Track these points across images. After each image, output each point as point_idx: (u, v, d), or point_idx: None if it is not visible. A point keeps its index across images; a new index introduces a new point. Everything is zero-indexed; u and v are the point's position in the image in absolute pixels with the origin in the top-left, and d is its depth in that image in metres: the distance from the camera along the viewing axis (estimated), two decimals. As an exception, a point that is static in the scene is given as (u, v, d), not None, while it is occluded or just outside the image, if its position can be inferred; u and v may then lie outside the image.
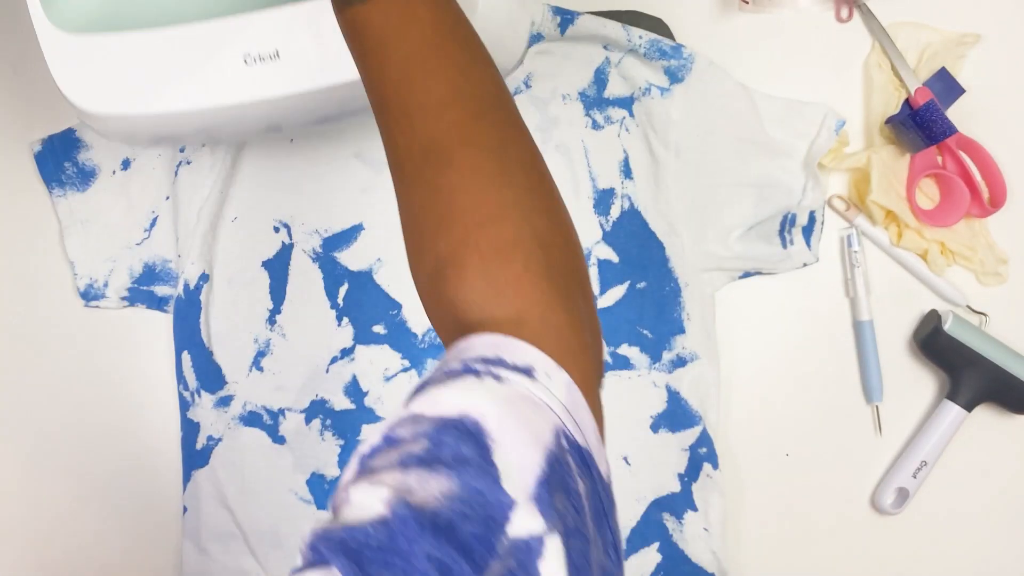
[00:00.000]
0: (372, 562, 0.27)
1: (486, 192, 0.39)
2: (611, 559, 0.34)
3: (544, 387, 0.33)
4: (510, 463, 0.30)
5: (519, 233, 0.38)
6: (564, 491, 0.31)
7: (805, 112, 0.76)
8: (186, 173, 0.74)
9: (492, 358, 0.34)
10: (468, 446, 0.30)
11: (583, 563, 0.31)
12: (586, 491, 0.33)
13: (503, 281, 0.38)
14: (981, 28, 0.78)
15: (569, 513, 0.31)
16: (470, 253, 0.38)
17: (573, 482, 0.32)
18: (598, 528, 0.33)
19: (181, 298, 0.74)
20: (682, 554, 0.73)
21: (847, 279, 0.78)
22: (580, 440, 0.34)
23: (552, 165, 0.75)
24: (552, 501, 0.30)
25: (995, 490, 0.77)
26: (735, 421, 0.76)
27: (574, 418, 0.34)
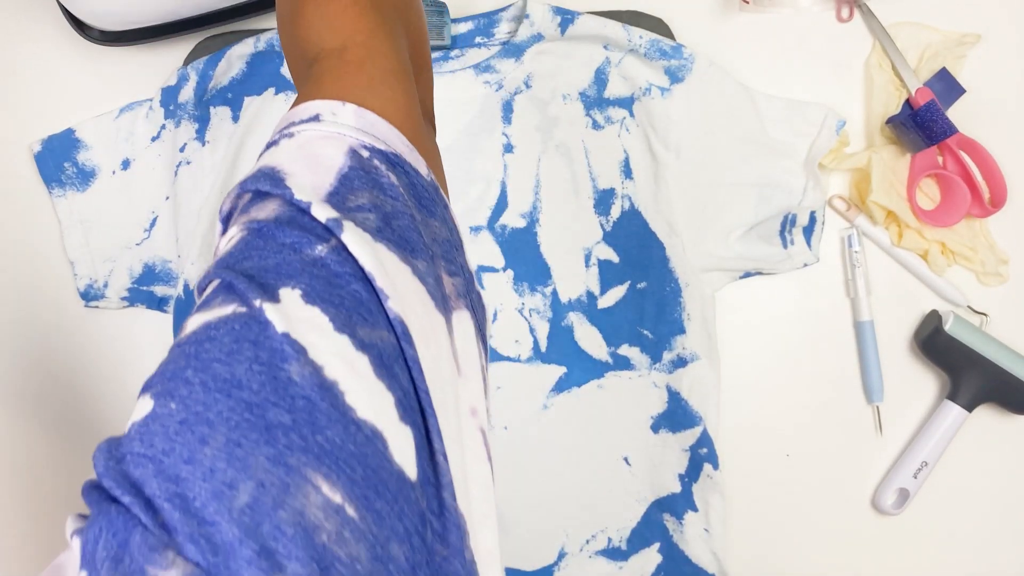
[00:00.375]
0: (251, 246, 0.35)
1: None
2: (451, 237, 0.39)
3: (331, 123, 0.38)
4: (302, 184, 0.36)
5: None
6: (375, 188, 0.36)
7: (806, 112, 0.76)
8: (186, 173, 0.74)
9: (284, 124, 0.39)
10: (266, 183, 0.36)
11: (411, 234, 0.36)
12: (403, 183, 0.37)
13: (332, 14, 0.43)
14: (982, 28, 0.78)
15: (385, 201, 0.36)
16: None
17: (383, 178, 0.37)
18: (427, 212, 0.38)
19: (181, 298, 0.74)
20: (683, 555, 0.73)
21: (848, 279, 0.78)
22: (383, 147, 0.38)
23: (552, 165, 0.75)
24: (345, 201, 0.35)
25: (996, 490, 0.77)
26: (736, 421, 0.76)
27: (372, 133, 0.38)
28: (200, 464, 0.28)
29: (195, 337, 0.32)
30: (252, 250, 0.34)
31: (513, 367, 0.73)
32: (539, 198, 0.74)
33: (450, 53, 0.77)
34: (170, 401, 0.30)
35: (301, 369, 0.31)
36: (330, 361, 0.31)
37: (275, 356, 0.31)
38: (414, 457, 0.32)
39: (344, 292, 0.33)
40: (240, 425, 0.29)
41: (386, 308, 0.33)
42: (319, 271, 0.33)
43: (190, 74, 0.75)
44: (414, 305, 0.34)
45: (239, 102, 0.75)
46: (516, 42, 0.76)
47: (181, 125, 0.75)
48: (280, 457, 0.29)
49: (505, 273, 0.74)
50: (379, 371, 0.32)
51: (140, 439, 0.30)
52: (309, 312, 0.32)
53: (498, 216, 0.74)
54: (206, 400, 0.30)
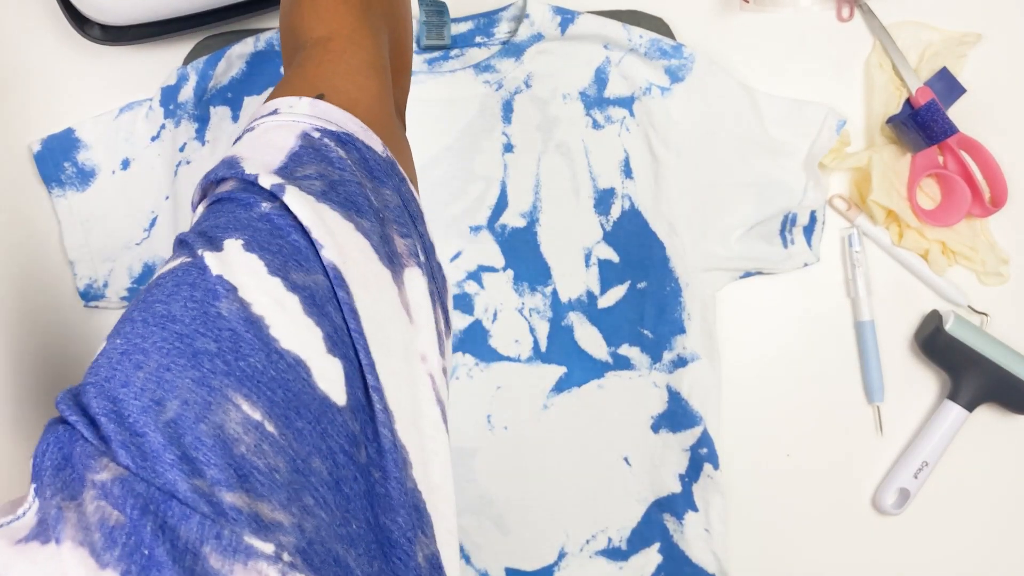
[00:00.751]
0: (210, 211, 0.39)
1: None
2: (407, 207, 0.42)
3: (287, 114, 0.42)
4: (253, 163, 0.39)
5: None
6: (323, 161, 0.40)
7: (806, 112, 0.76)
8: (186, 173, 0.74)
9: (248, 125, 0.43)
10: (224, 169, 0.40)
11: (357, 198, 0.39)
12: (352, 158, 0.41)
13: (323, 7, 0.47)
14: (982, 28, 0.78)
15: (332, 172, 0.40)
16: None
17: (332, 152, 0.40)
18: (379, 182, 0.41)
19: (181, 298, 0.74)
20: (683, 555, 0.73)
21: (848, 279, 0.78)
22: (334, 128, 0.41)
23: (552, 165, 0.75)
24: (292, 173, 0.39)
25: (996, 490, 0.77)
26: (736, 421, 0.76)
27: (324, 119, 0.41)
28: (133, 386, 0.32)
29: (147, 287, 0.36)
30: (210, 215, 0.39)
31: (513, 367, 0.73)
32: (539, 198, 0.74)
33: (450, 53, 0.77)
34: (116, 338, 0.35)
35: (230, 305, 0.34)
36: (259, 299, 0.35)
37: (208, 295, 0.35)
38: (343, 385, 0.35)
39: (283, 242, 0.37)
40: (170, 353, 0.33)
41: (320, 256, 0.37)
42: (262, 224, 0.37)
43: (190, 74, 0.75)
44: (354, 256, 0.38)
45: (239, 102, 0.75)
46: (516, 42, 0.76)
47: (181, 125, 0.75)
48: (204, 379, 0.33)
49: (505, 273, 0.74)
50: (309, 309, 0.35)
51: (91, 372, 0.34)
52: (247, 258, 0.36)
53: (498, 216, 0.74)
54: (144, 333, 0.34)
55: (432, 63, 0.76)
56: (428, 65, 0.76)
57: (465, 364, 0.73)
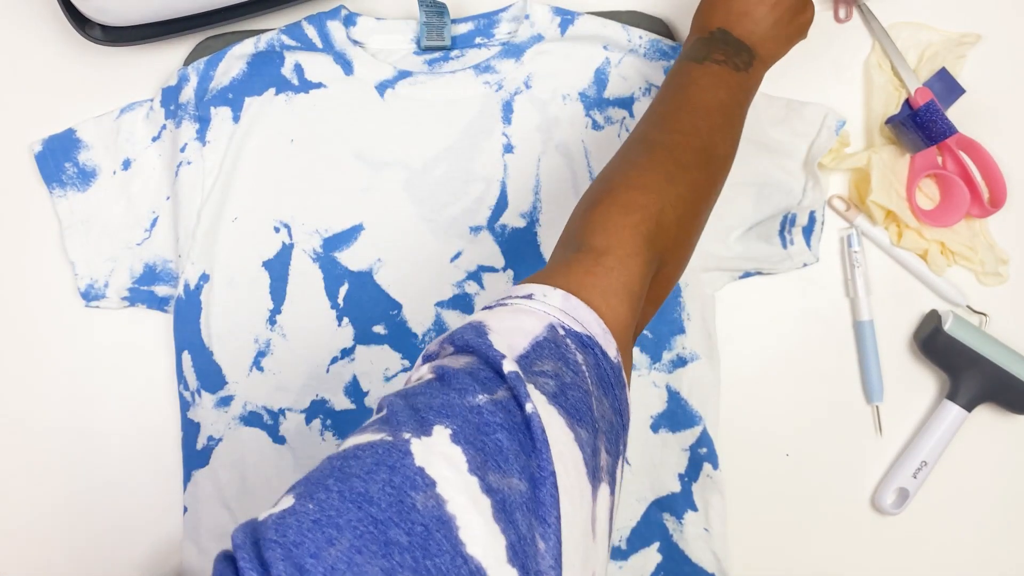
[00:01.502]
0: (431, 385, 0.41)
1: (652, 173, 0.54)
2: (618, 420, 0.44)
3: (540, 302, 0.45)
4: (501, 340, 0.42)
5: (649, 205, 0.52)
6: (559, 360, 0.42)
7: (805, 112, 0.76)
8: (186, 173, 0.74)
9: (503, 296, 0.47)
10: (471, 333, 0.43)
11: (582, 406, 0.41)
12: (587, 362, 0.43)
13: (613, 223, 0.51)
14: (981, 28, 0.78)
15: (566, 373, 0.42)
16: (607, 199, 0.52)
17: (571, 354, 0.43)
18: (603, 391, 0.43)
19: (181, 298, 0.74)
20: (682, 554, 0.73)
21: (847, 279, 0.78)
22: (579, 329, 0.44)
23: (552, 165, 0.75)
24: (531, 365, 0.41)
25: (995, 490, 0.77)
26: (735, 421, 0.76)
27: (572, 316, 0.44)
28: (323, 560, 0.33)
29: (344, 454, 0.37)
30: (430, 389, 0.40)
31: (513, 367, 0.73)
32: (539, 198, 0.75)
33: (450, 54, 0.77)
34: (309, 502, 0.35)
35: (426, 501, 0.35)
36: (455, 497, 0.36)
37: (406, 483, 0.36)
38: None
39: (487, 440, 0.38)
40: (364, 536, 0.34)
41: (542, 460, 0.38)
42: (473, 416, 0.39)
43: (190, 74, 0.75)
44: (568, 467, 0.39)
45: (240, 102, 0.75)
46: (516, 42, 0.76)
47: (182, 125, 0.75)
48: (392, 571, 0.33)
49: (505, 273, 0.74)
50: (498, 515, 0.36)
51: (276, 528, 0.34)
52: (451, 449, 0.37)
53: (498, 216, 0.74)
54: (339, 507, 0.35)
55: (432, 64, 0.77)
56: (428, 66, 0.76)
57: (465, 364, 0.73)
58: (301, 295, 0.74)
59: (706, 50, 0.63)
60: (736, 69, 0.62)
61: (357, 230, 0.74)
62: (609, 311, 0.46)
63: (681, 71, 0.62)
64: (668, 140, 0.57)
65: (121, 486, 0.77)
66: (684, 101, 0.60)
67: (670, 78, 0.63)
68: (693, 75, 0.61)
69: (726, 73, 0.61)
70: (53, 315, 0.77)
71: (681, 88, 0.61)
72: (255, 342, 0.74)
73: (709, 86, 0.60)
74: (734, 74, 0.62)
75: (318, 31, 0.77)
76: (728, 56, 0.62)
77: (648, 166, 0.55)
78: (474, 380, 0.40)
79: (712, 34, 0.64)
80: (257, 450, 0.73)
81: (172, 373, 0.76)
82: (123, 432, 0.77)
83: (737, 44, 0.63)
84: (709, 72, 0.61)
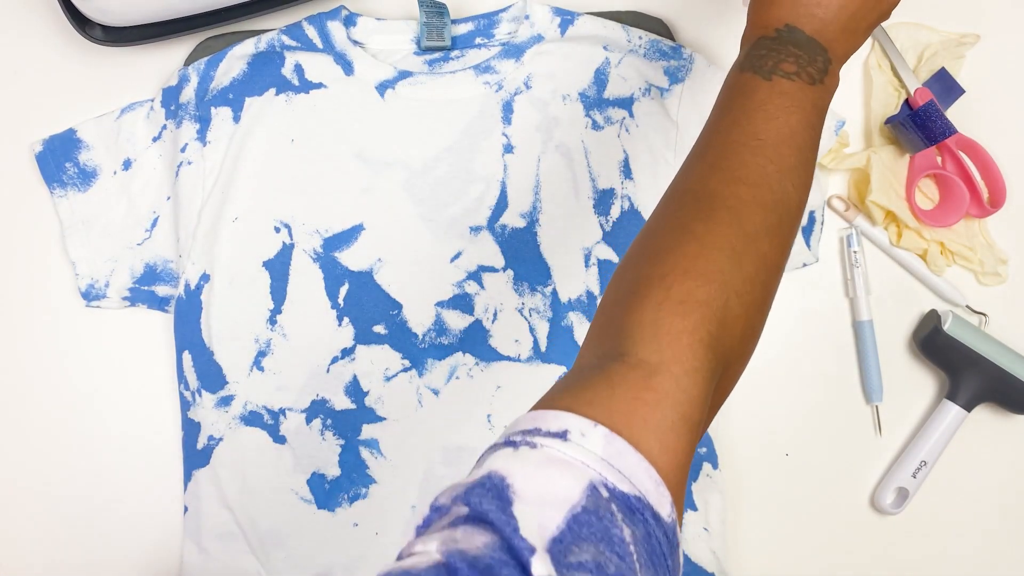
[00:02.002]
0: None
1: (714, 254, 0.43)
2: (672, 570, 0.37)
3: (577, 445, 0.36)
4: (529, 516, 0.34)
5: (711, 299, 0.41)
6: (602, 541, 0.34)
7: (805, 112, 0.76)
8: (187, 173, 0.75)
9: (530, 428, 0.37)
10: (492, 501, 0.34)
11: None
12: (635, 537, 0.35)
13: (666, 328, 0.40)
14: (981, 28, 0.78)
15: (609, 561, 0.34)
16: (658, 290, 0.42)
17: (616, 529, 0.34)
18: (654, 567, 0.35)
19: (182, 298, 0.74)
20: (682, 553, 0.73)
21: (847, 279, 0.78)
22: (626, 487, 0.36)
23: (552, 165, 0.75)
24: (567, 554, 0.33)
25: (995, 490, 0.77)
26: (735, 421, 0.76)
27: (616, 467, 0.36)
28: None
29: None
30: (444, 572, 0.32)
31: (513, 367, 0.74)
32: (539, 198, 0.75)
33: (450, 54, 0.77)
34: None
35: None
36: None
37: None
38: None
39: None
40: None
41: None
42: None
43: (191, 74, 0.75)
44: None
45: (240, 103, 0.75)
46: (516, 43, 0.76)
47: (182, 125, 0.75)
48: None
49: (505, 273, 0.74)
50: None
51: None
52: None
53: (498, 216, 0.74)
54: None
55: (432, 64, 0.77)
56: (428, 66, 0.77)
57: (465, 364, 0.74)
58: (301, 295, 0.74)
59: (773, 59, 0.51)
60: (811, 82, 0.50)
61: (357, 230, 0.74)
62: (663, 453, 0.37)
63: (742, 91, 0.50)
64: (730, 196, 0.46)
65: (121, 486, 0.77)
66: (748, 135, 0.48)
67: (726, 99, 0.51)
68: (758, 97, 0.49)
69: (798, 90, 0.50)
70: (53, 315, 0.78)
71: (744, 116, 0.49)
72: (255, 342, 0.74)
73: (779, 111, 0.49)
74: (808, 89, 0.50)
75: (318, 31, 0.77)
76: (801, 66, 0.50)
77: (708, 240, 0.44)
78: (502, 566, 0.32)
79: (779, 33, 0.52)
80: (257, 450, 0.73)
81: (172, 373, 0.76)
82: (123, 432, 0.77)
83: (811, 46, 0.52)
84: (778, 91, 0.49)
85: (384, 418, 0.73)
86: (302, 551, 0.72)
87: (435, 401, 0.73)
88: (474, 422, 0.73)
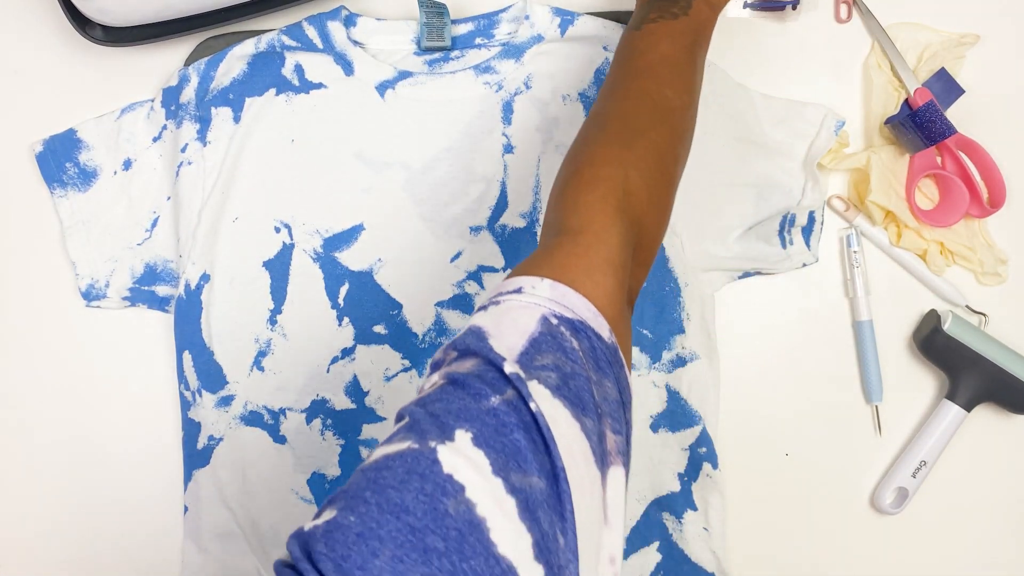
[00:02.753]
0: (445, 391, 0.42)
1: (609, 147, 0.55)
2: (620, 398, 0.45)
3: (530, 294, 0.46)
4: (500, 343, 0.43)
5: (612, 176, 0.53)
6: (558, 351, 0.43)
7: (805, 112, 0.76)
8: (187, 173, 0.75)
9: (494, 293, 0.47)
10: (472, 339, 0.44)
11: (584, 394, 0.43)
12: (583, 347, 0.44)
13: (584, 202, 0.52)
14: (981, 29, 0.79)
15: (565, 363, 0.43)
16: (576, 178, 0.54)
17: (567, 342, 0.44)
18: (602, 372, 0.45)
19: (182, 298, 0.74)
20: (682, 553, 0.73)
21: (846, 279, 0.78)
22: (570, 316, 0.45)
23: (552, 166, 0.75)
24: (532, 361, 0.43)
25: (995, 490, 0.77)
26: (735, 421, 0.76)
27: (562, 303, 0.45)
28: (370, 572, 0.35)
29: (375, 465, 0.39)
30: (445, 395, 0.42)
31: (513, 367, 0.74)
32: (539, 198, 0.75)
33: (450, 54, 0.77)
34: (350, 514, 0.37)
35: (457, 506, 0.37)
36: (483, 500, 0.38)
37: (438, 490, 0.38)
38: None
39: (506, 440, 0.40)
40: (404, 544, 0.36)
41: (552, 457, 0.40)
42: (490, 419, 0.40)
43: (191, 75, 0.75)
44: (576, 459, 0.41)
45: (240, 103, 0.75)
46: (516, 43, 0.76)
47: (182, 125, 0.75)
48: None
49: (505, 273, 0.74)
50: (523, 514, 0.38)
51: (325, 541, 0.37)
52: (475, 453, 0.39)
53: (498, 216, 0.75)
54: (379, 519, 0.37)
55: (432, 64, 0.77)
56: (428, 66, 0.77)
57: (465, 364, 0.74)
58: (302, 295, 0.74)
59: (640, 15, 0.63)
60: (674, 18, 0.62)
61: (357, 230, 0.74)
62: (595, 288, 0.47)
63: (621, 44, 0.63)
64: (619, 109, 0.58)
65: (122, 486, 0.77)
66: (629, 69, 0.60)
67: (616, 55, 0.63)
68: (632, 43, 0.62)
69: (663, 27, 0.61)
70: (54, 315, 0.78)
71: (624, 59, 0.61)
72: (256, 342, 0.74)
73: (649, 46, 0.61)
74: (673, 23, 0.62)
75: (318, 32, 0.77)
76: (662, 11, 0.62)
77: (605, 139, 0.56)
78: (483, 383, 0.41)
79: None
80: (258, 450, 0.73)
81: (173, 373, 0.76)
82: (124, 432, 0.77)
83: None
84: (646, 33, 0.61)
85: (384, 418, 0.73)
86: (302, 551, 0.72)
87: (435, 401, 0.73)
88: (474, 422, 0.73)
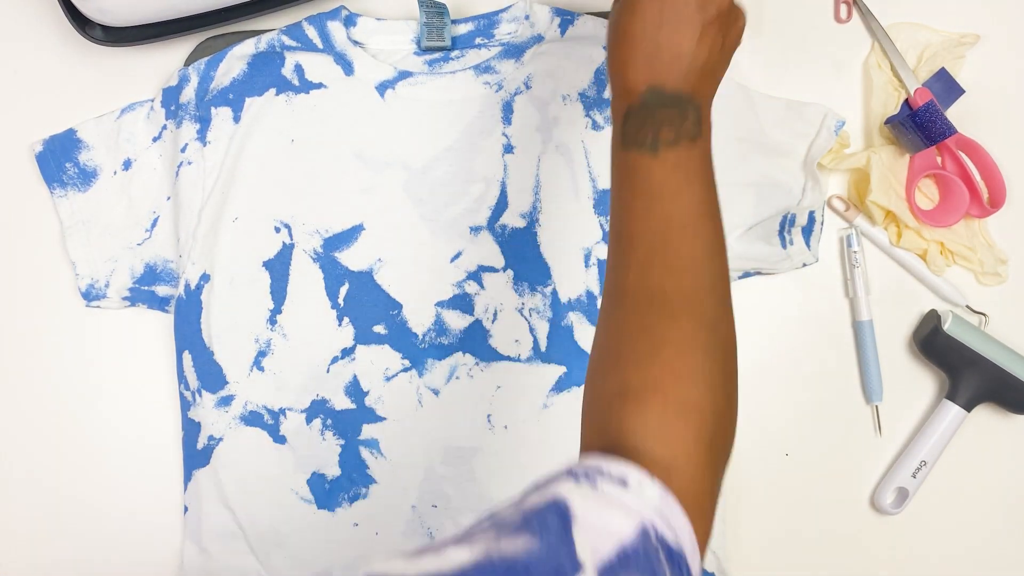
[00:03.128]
0: None
1: (692, 356, 0.46)
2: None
3: (635, 495, 0.39)
4: (586, 540, 0.36)
5: (703, 400, 0.45)
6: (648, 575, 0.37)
7: (805, 112, 0.76)
8: (187, 173, 0.75)
9: (593, 467, 0.40)
10: (554, 517, 0.37)
11: None
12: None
13: (673, 433, 0.44)
14: (981, 28, 0.79)
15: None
16: (656, 396, 0.45)
17: (662, 569, 0.38)
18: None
19: (182, 298, 0.74)
20: (682, 554, 0.73)
21: (847, 279, 0.78)
22: (671, 539, 0.39)
23: (552, 165, 0.75)
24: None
25: (995, 490, 0.77)
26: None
27: (667, 520, 0.39)
28: None
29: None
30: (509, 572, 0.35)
31: (513, 367, 0.74)
32: (539, 198, 0.75)
33: (450, 54, 0.77)
34: None
35: None
36: None
37: None
38: None
39: None
40: None
41: None
42: None
43: (191, 75, 0.75)
44: None
45: (240, 103, 0.75)
46: (516, 43, 0.76)
47: (182, 125, 0.75)
48: None
49: (505, 273, 0.74)
50: None
51: None
52: None
53: (498, 216, 0.75)
54: None
55: (432, 64, 0.77)
56: (429, 66, 0.77)
57: (465, 364, 0.74)
58: (301, 295, 0.74)
59: (650, 130, 0.51)
60: (692, 139, 0.50)
61: (357, 230, 0.74)
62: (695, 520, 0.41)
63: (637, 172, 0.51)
64: (677, 290, 0.48)
65: (121, 486, 0.77)
66: (665, 219, 0.49)
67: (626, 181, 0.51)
68: (656, 177, 0.50)
69: (684, 154, 0.50)
70: (54, 315, 0.78)
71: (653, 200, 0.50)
72: (255, 342, 0.74)
73: (681, 186, 0.50)
74: (693, 148, 0.50)
75: (318, 31, 0.77)
76: (677, 128, 0.50)
77: (681, 342, 0.47)
78: None
79: (644, 99, 0.51)
80: (258, 450, 0.73)
81: (172, 373, 0.76)
82: (123, 432, 0.77)
83: (678, 101, 0.51)
84: (671, 165, 0.50)
85: (384, 418, 0.73)
86: (302, 551, 0.72)
87: (435, 401, 0.73)
88: (474, 422, 0.73)
